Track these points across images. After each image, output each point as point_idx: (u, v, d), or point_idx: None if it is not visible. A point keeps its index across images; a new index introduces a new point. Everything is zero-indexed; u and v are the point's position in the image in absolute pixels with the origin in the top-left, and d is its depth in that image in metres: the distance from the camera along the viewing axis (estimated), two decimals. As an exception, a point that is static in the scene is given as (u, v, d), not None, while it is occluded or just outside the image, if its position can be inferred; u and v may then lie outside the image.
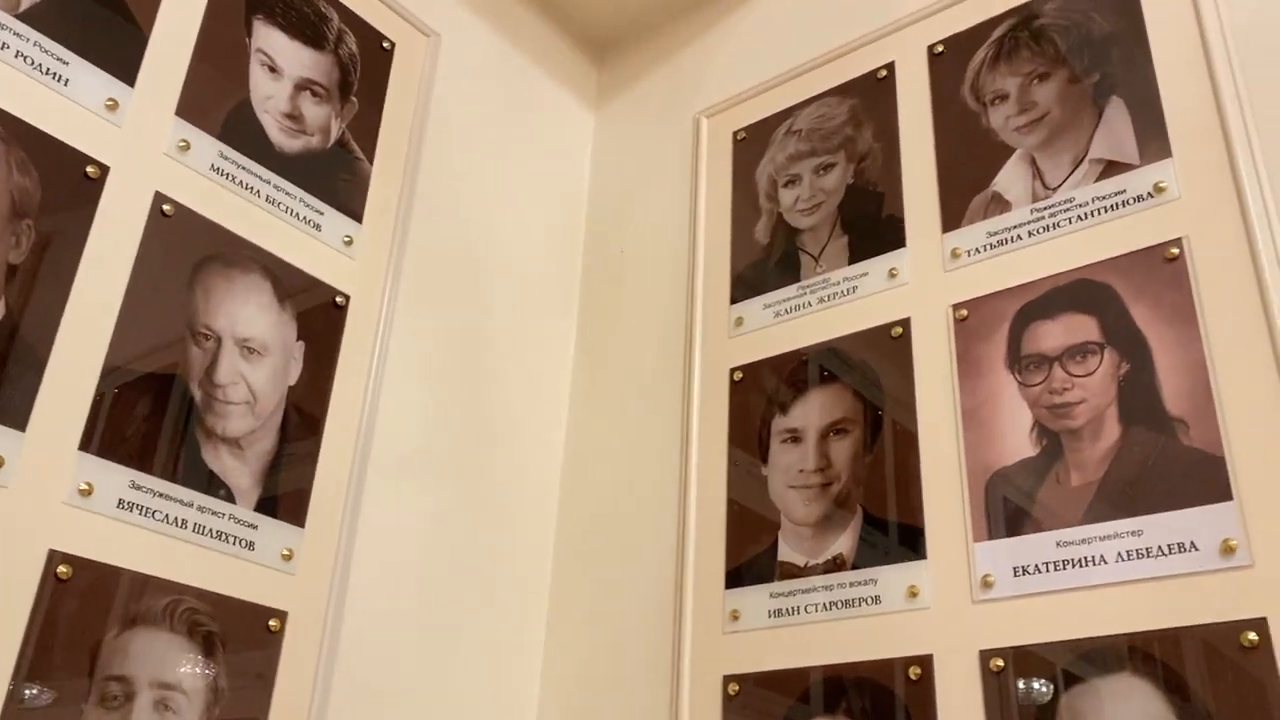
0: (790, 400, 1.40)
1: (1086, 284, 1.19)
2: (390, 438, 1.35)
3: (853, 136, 1.50)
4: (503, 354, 1.56)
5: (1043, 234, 1.25)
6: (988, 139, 1.35)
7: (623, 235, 1.72)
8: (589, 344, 1.67)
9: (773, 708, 1.22)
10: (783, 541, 1.31)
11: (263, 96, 1.33)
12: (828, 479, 1.31)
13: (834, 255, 1.45)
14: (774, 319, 1.47)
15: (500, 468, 1.50)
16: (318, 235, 1.34)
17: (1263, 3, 1.19)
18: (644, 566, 1.43)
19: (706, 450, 1.44)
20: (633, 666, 1.37)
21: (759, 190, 1.57)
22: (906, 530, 1.21)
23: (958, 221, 1.33)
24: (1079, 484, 1.11)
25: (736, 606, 1.31)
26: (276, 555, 1.17)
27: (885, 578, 1.21)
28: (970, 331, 1.26)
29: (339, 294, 1.34)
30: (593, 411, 1.61)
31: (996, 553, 1.13)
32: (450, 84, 1.59)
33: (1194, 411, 1.06)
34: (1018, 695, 1.06)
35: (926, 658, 1.13)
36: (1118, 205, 1.20)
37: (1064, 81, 1.31)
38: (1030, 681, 1.06)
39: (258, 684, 1.12)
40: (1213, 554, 1.00)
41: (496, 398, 1.53)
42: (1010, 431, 1.18)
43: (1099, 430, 1.12)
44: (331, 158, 1.39)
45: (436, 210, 1.51)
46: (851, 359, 1.36)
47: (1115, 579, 1.05)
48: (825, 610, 1.23)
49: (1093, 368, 1.15)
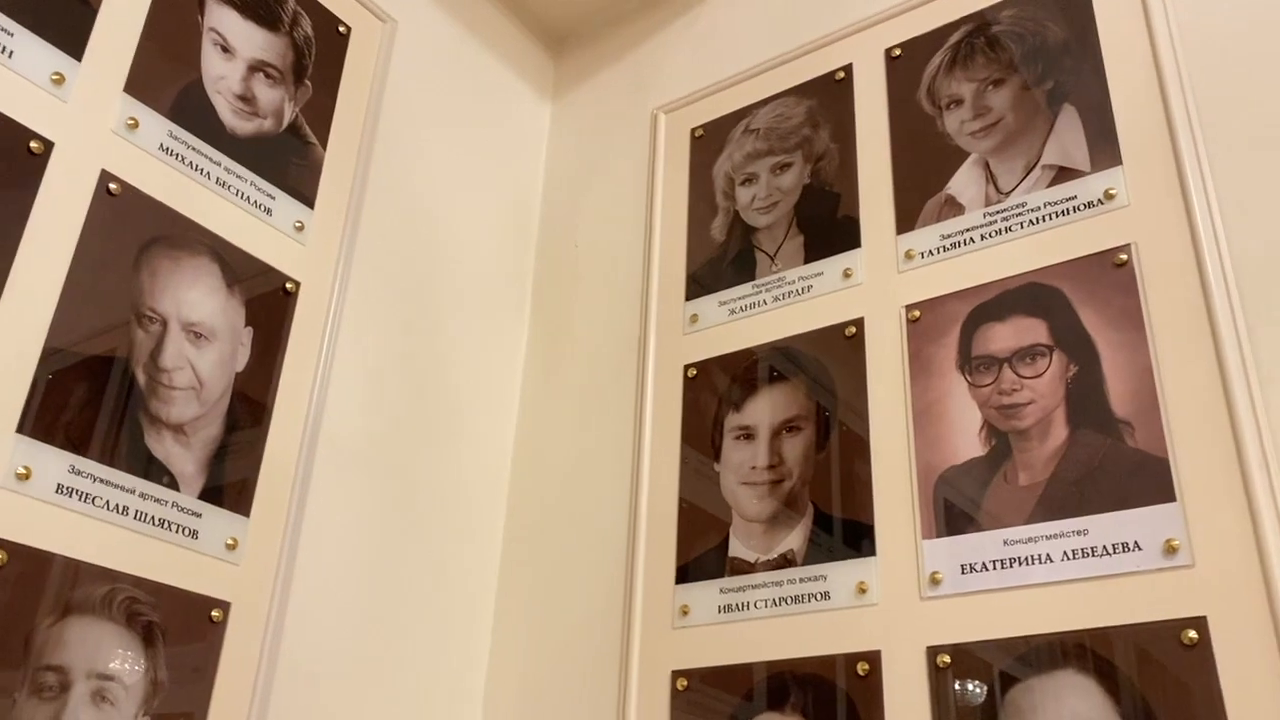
0: (743, 398, 1.40)
1: (1037, 287, 1.21)
2: (339, 427, 1.33)
3: (810, 137, 1.50)
4: (454, 345, 1.54)
5: (995, 237, 1.27)
6: (942, 143, 1.37)
7: (578, 229, 1.72)
8: (542, 337, 1.67)
9: (721, 703, 1.23)
10: (733, 538, 1.32)
11: (215, 77, 1.30)
12: (779, 476, 1.32)
13: (790, 254, 1.45)
14: (729, 316, 1.47)
15: (450, 460, 1.48)
16: (268, 220, 1.31)
17: (1212, 15, 1.22)
18: (594, 561, 1.42)
19: (659, 446, 1.44)
20: (581, 661, 1.37)
21: (716, 188, 1.58)
22: (856, 527, 1.22)
23: (912, 223, 1.35)
24: (1026, 484, 1.12)
25: (686, 602, 1.31)
26: (220, 544, 1.15)
27: (835, 574, 1.21)
28: (922, 332, 1.28)
29: (289, 280, 1.31)
30: (545, 405, 1.60)
31: (945, 550, 1.14)
32: (406, 71, 1.58)
33: (1139, 414, 1.09)
34: (963, 691, 1.07)
35: (874, 654, 1.14)
36: (1068, 211, 1.23)
37: (1018, 88, 1.33)
38: (976, 678, 1.07)
39: (198, 676, 1.10)
40: (1155, 554, 1.02)
41: (447, 389, 1.51)
42: (960, 431, 1.19)
43: (1047, 431, 1.14)
44: (284, 142, 1.37)
45: (389, 198, 1.49)
46: (805, 357, 1.37)
47: (1060, 577, 1.06)
48: (775, 606, 1.24)
49: (1041, 370, 1.17)
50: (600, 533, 1.44)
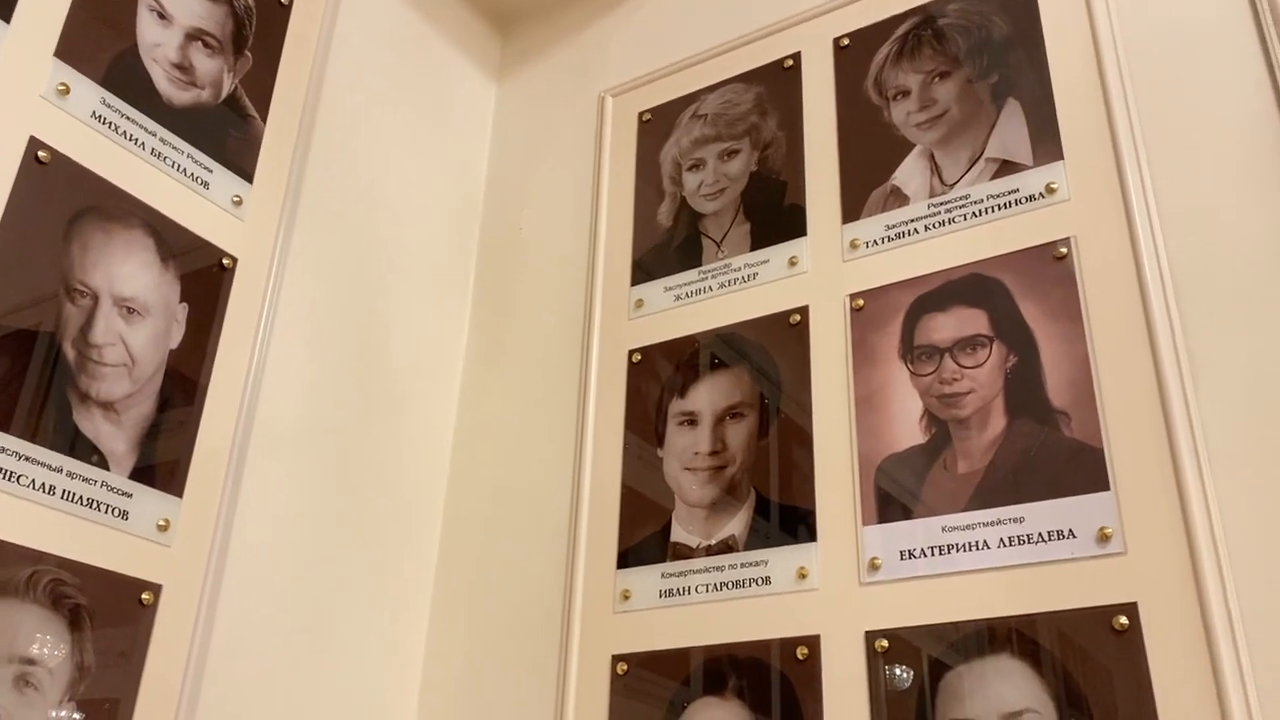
0: (688, 383, 1.40)
1: (979, 279, 1.23)
2: (276, 407, 1.30)
3: (758, 124, 1.51)
4: (395, 326, 1.52)
5: (938, 229, 1.28)
6: (888, 133, 1.38)
7: (523, 212, 1.70)
8: (485, 319, 1.65)
9: (660, 688, 1.23)
10: (676, 523, 1.32)
11: (151, 44, 1.26)
12: (723, 462, 1.32)
13: (736, 241, 1.46)
14: (674, 302, 1.47)
15: (390, 442, 1.46)
16: (205, 193, 1.28)
17: (1153, 13, 1.24)
18: (535, 545, 1.41)
19: (602, 431, 1.43)
20: (521, 645, 1.36)
21: (663, 173, 1.57)
22: (798, 513, 1.23)
23: (857, 213, 1.36)
24: (965, 471, 1.14)
25: (627, 587, 1.31)
26: (151, 525, 1.12)
27: (776, 559, 1.22)
28: (866, 321, 1.29)
29: (226, 255, 1.28)
30: (487, 388, 1.59)
31: (884, 536, 1.16)
32: (349, 45, 1.54)
33: (1076, 404, 1.11)
34: (900, 675, 1.08)
35: (814, 638, 1.15)
36: (1011, 204, 1.24)
37: (964, 81, 1.35)
38: (913, 662, 1.08)
39: (127, 660, 1.07)
40: (1089, 541, 1.04)
41: (387, 370, 1.49)
42: (901, 420, 1.21)
43: (986, 420, 1.15)
44: (222, 113, 1.33)
45: (331, 174, 1.46)
46: (749, 345, 1.37)
47: (997, 564, 1.08)
48: (716, 591, 1.24)
49: (982, 359, 1.18)
50: (542, 517, 1.43)
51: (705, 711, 1.19)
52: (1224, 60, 1.17)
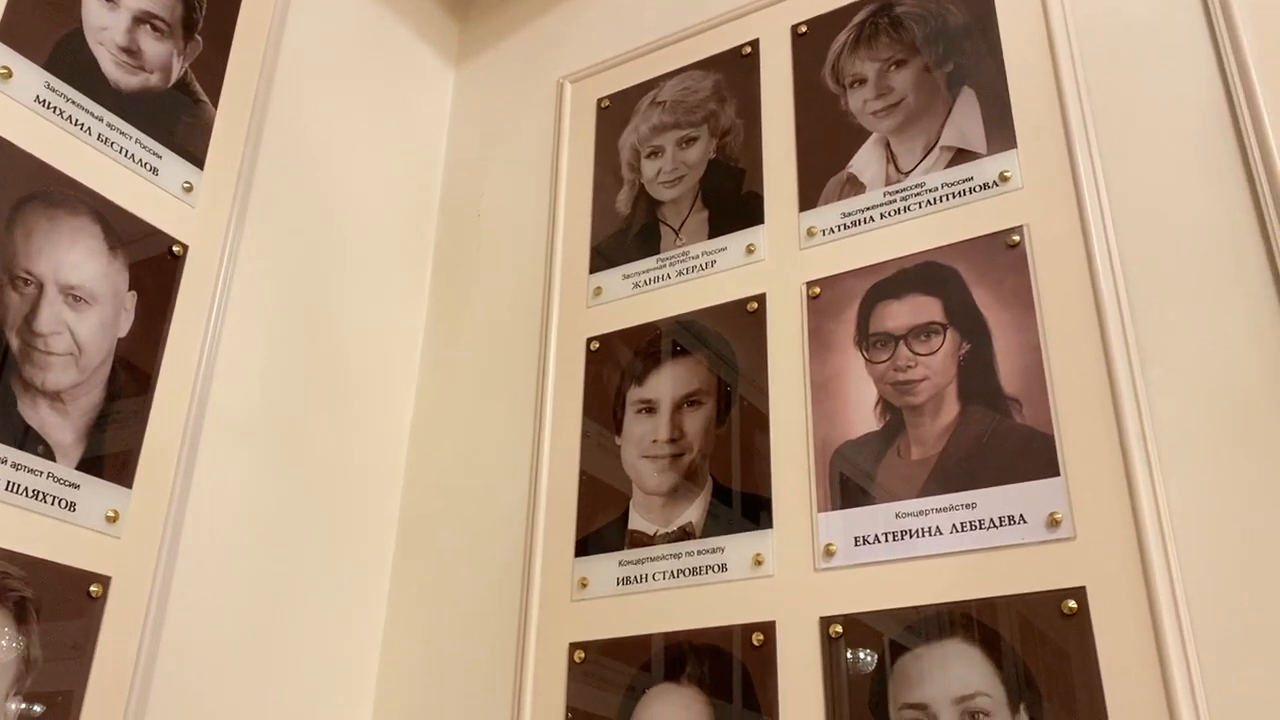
0: (646, 371, 1.40)
1: (933, 266, 1.24)
2: (228, 396, 1.28)
3: (716, 111, 1.50)
4: (351, 315, 1.51)
5: (894, 217, 1.29)
6: (845, 121, 1.38)
7: (481, 198, 1.69)
8: (442, 308, 1.64)
9: (618, 675, 1.23)
10: (633, 511, 1.32)
11: (97, 27, 1.24)
12: (680, 450, 1.32)
13: (694, 229, 1.45)
14: (633, 290, 1.47)
15: (345, 431, 1.45)
16: (154, 179, 1.26)
17: (1106, 3, 1.25)
18: (493, 534, 1.41)
19: (560, 419, 1.43)
20: (479, 634, 1.35)
21: (622, 160, 1.57)
22: (754, 500, 1.24)
23: (814, 201, 1.36)
24: (918, 458, 1.15)
25: (585, 575, 1.31)
26: (100, 517, 1.10)
27: (732, 546, 1.22)
28: (822, 309, 1.29)
29: (176, 243, 1.26)
30: (444, 377, 1.58)
31: (839, 523, 1.16)
32: (303, 28, 1.52)
33: (1027, 391, 1.12)
34: (854, 660, 1.09)
35: (769, 624, 1.16)
36: (965, 192, 1.25)
37: (920, 69, 1.35)
38: (866, 647, 1.09)
39: (77, 653, 1.06)
40: (1039, 526, 1.06)
41: (343, 359, 1.48)
42: (856, 406, 1.21)
43: (939, 407, 1.16)
44: (172, 98, 1.31)
45: (284, 160, 1.45)
46: (707, 332, 1.38)
47: (949, 549, 1.09)
48: (673, 578, 1.25)
49: (935, 347, 1.19)
50: (500, 506, 1.42)
51: (662, 698, 1.19)
52: (1174, 51, 1.19)
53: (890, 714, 1.05)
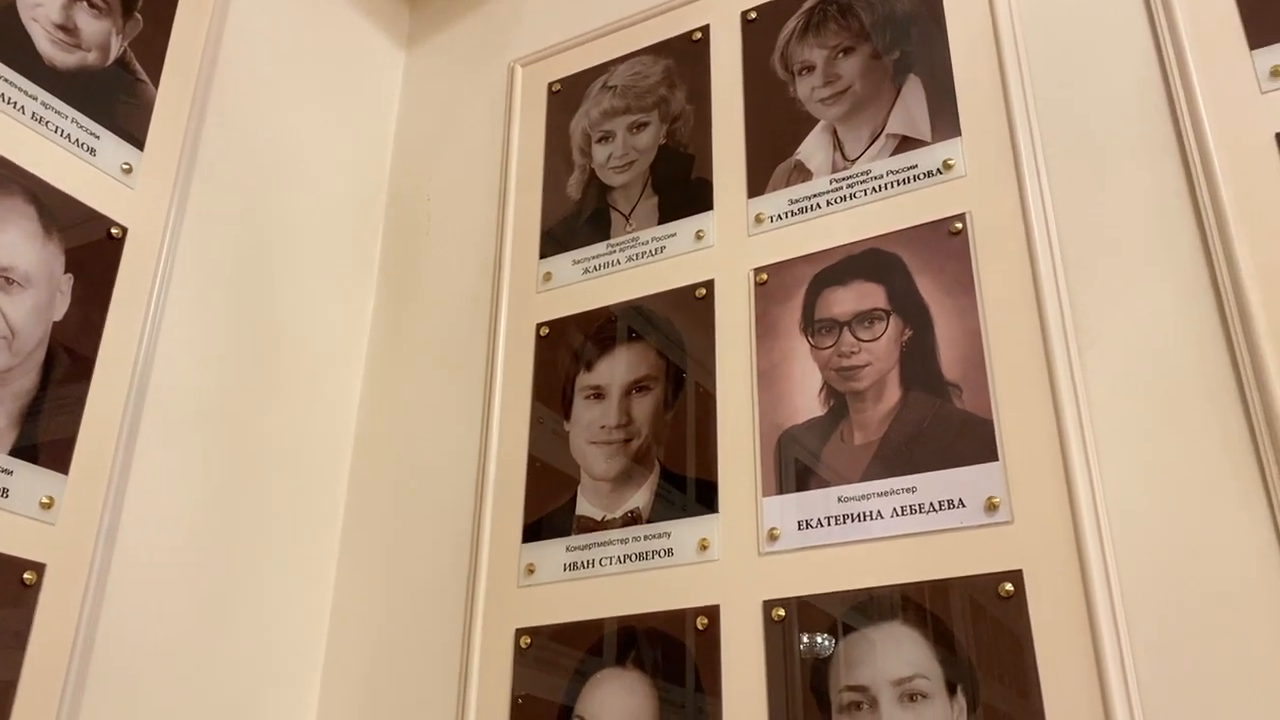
0: (595, 357, 1.40)
1: (877, 254, 1.24)
2: (169, 382, 1.26)
3: (667, 97, 1.50)
4: (297, 299, 1.49)
5: (840, 204, 1.30)
6: (793, 108, 1.38)
7: (430, 181, 1.68)
8: (391, 291, 1.62)
9: (564, 660, 1.23)
10: (581, 496, 1.32)
11: (31, 3, 1.21)
12: (629, 435, 1.32)
13: (644, 215, 1.45)
14: (583, 275, 1.46)
15: (291, 417, 1.44)
16: (92, 160, 1.24)
17: (1047, -6, 1.26)
18: (440, 521, 1.40)
19: (509, 405, 1.42)
20: (425, 620, 1.35)
21: (573, 144, 1.56)
22: (701, 485, 1.24)
23: (762, 188, 1.36)
24: (861, 443, 1.16)
25: (532, 560, 1.31)
26: (34, 503, 1.08)
27: (678, 531, 1.23)
28: (769, 295, 1.30)
29: (114, 225, 1.24)
30: (393, 362, 1.57)
31: (783, 507, 1.17)
32: (249, 8, 1.50)
33: (968, 377, 1.13)
34: (796, 643, 1.10)
35: (714, 608, 1.16)
36: (909, 180, 1.26)
37: (867, 57, 1.36)
38: (808, 630, 1.10)
39: (9, 643, 1.04)
40: (978, 510, 1.07)
41: (288, 344, 1.46)
42: (801, 392, 1.22)
43: (881, 393, 1.17)
44: (110, 78, 1.28)
45: (228, 142, 1.43)
46: (656, 318, 1.38)
47: (890, 533, 1.10)
48: (620, 563, 1.25)
49: (879, 333, 1.20)
50: (447, 492, 1.42)
51: (607, 683, 1.20)
52: (1115, 41, 1.20)
53: (831, 696, 1.06)
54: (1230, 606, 0.94)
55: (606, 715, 1.18)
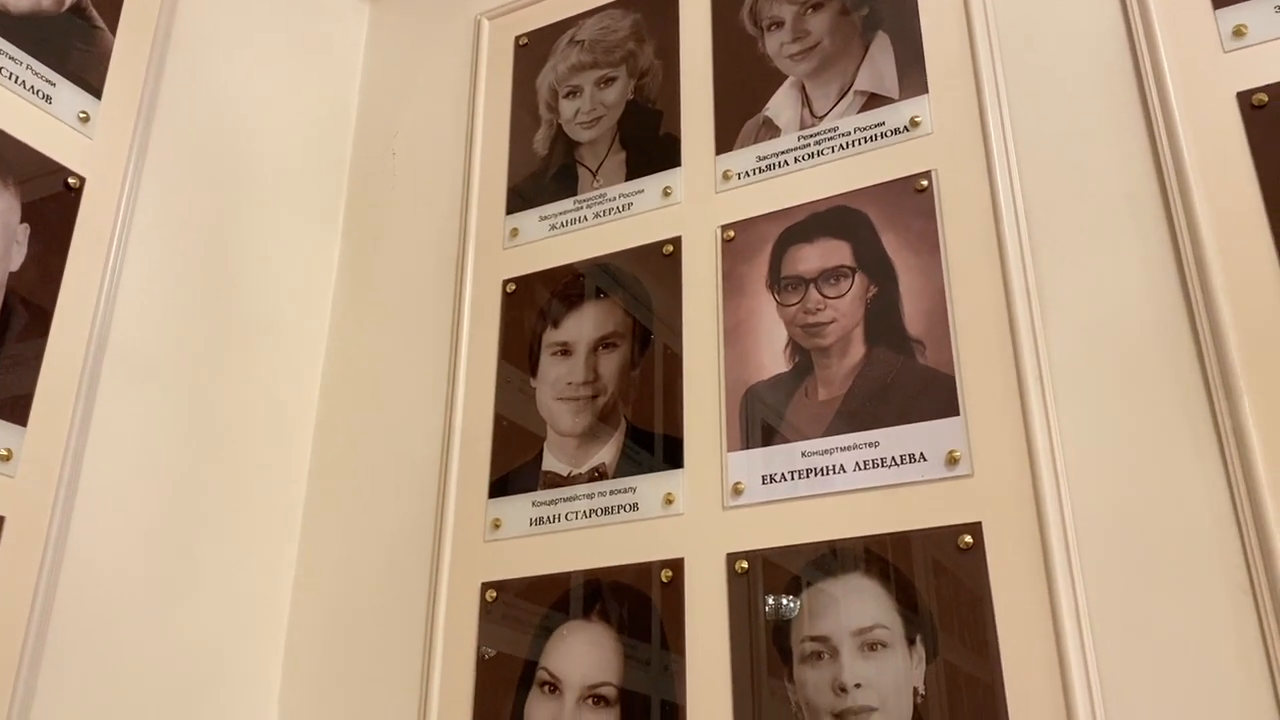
0: (562, 314, 1.40)
1: (844, 210, 1.25)
2: (130, 333, 1.25)
3: (635, 51, 1.49)
4: (260, 252, 1.47)
5: (807, 161, 1.30)
6: (762, 64, 1.38)
7: (395, 137, 1.66)
8: (355, 248, 1.61)
9: (529, 613, 1.24)
10: (548, 452, 1.32)
11: (-18, -55, 1.18)
12: (595, 392, 1.33)
13: (611, 171, 1.45)
14: (549, 232, 1.46)
15: (255, 371, 1.42)
16: (47, 108, 1.21)
17: (1015, -49, 1.26)
18: (406, 476, 1.40)
19: (476, 361, 1.42)
20: (390, 575, 1.35)
21: (540, 99, 1.55)
22: (667, 441, 1.25)
23: (730, 144, 1.36)
24: (825, 398, 1.17)
25: (498, 515, 1.31)
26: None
27: (644, 486, 1.24)
28: (736, 252, 1.30)
29: (72, 174, 1.22)
30: (358, 317, 1.55)
31: (747, 462, 1.18)
32: (209, -44, 1.47)
33: (931, 333, 1.14)
34: (759, 594, 1.11)
35: (678, 561, 1.17)
36: (876, 137, 1.26)
37: (836, 13, 1.35)
38: (771, 582, 1.12)
39: (-32, 594, 1.03)
40: (939, 464, 1.08)
41: (251, 298, 1.44)
42: (767, 348, 1.23)
43: (846, 349, 1.18)
44: (65, 24, 1.25)
45: (188, 92, 1.40)
46: (623, 275, 1.37)
47: (852, 486, 1.12)
48: (585, 518, 1.26)
49: (844, 290, 1.21)
50: (413, 448, 1.41)
51: (572, 635, 1.21)
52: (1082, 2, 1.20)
53: (793, 646, 1.08)
54: (1184, 559, 0.97)
55: (571, 666, 1.19)
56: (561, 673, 1.19)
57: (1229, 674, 0.91)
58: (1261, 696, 0.90)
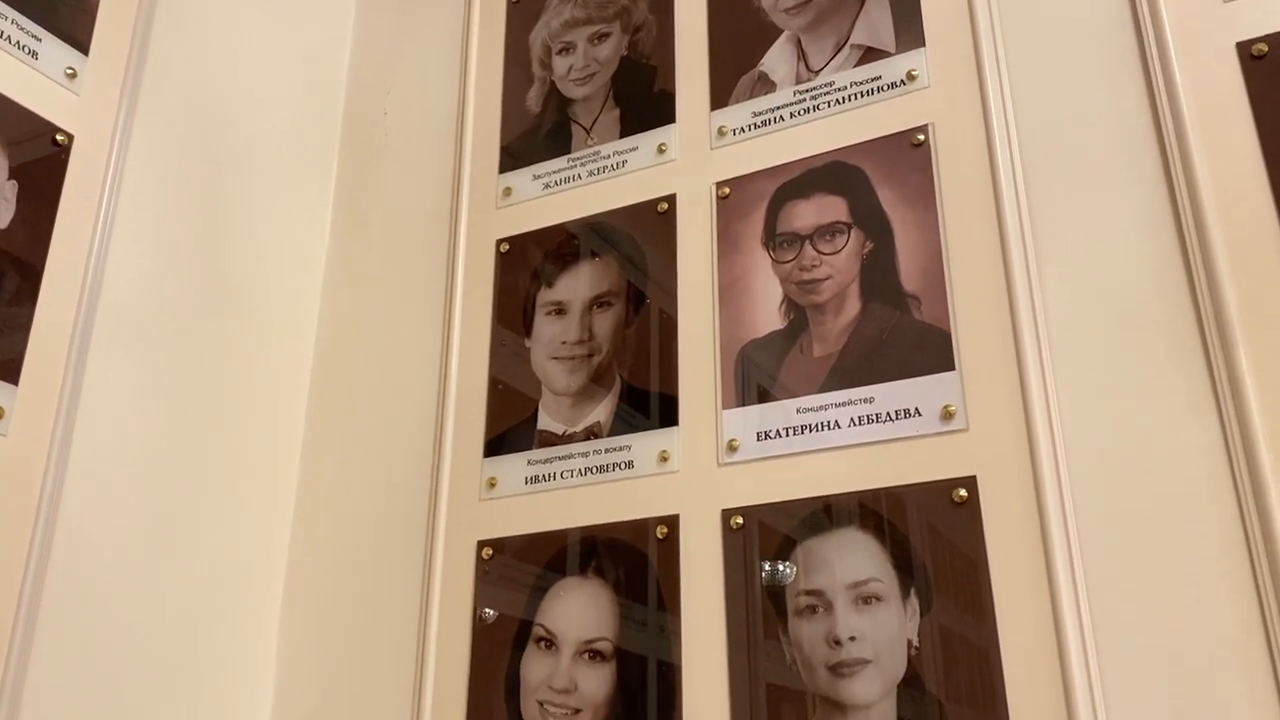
0: (556, 273, 1.39)
1: (839, 166, 1.24)
2: (122, 291, 1.24)
3: (629, 6, 1.47)
4: (252, 211, 1.46)
5: (803, 116, 1.29)
6: (758, 18, 1.36)
7: (388, 95, 1.64)
8: (348, 208, 1.60)
9: (525, 571, 1.24)
10: (542, 411, 1.32)
11: (-37, -104, 1.16)
12: (590, 351, 1.32)
13: (605, 128, 1.43)
14: (543, 191, 1.45)
15: (249, 332, 1.42)
16: (34, 64, 1.19)
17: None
18: (401, 436, 1.40)
19: (470, 321, 1.41)
20: (387, 534, 1.35)
21: (532, 56, 1.53)
22: (662, 399, 1.24)
23: (725, 100, 1.35)
24: (820, 355, 1.16)
25: (494, 474, 1.31)
26: (-17, 414, 1.07)
27: (639, 444, 1.23)
28: (731, 209, 1.29)
29: (59, 131, 1.20)
30: (351, 276, 1.54)
31: (742, 420, 1.18)
32: (196, -90, 1.44)
33: (927, 289, 1.14)
34: (753, 550, 1.12)
35: (673, 518, 1.17)
36: (873, 91, 1.25)
37: (832, -34, 1.34)
38: (765, 537, 1.12)
39: (-37, 552, 1.03)
40: (934, 419, 1.08)
41: (244, 256, 1.43)
42: (762, 306, 1.22)
43: (841, 305, 1.18)
44: (51, -23, 1.24)
45: (178, 48, 1.38)
46: (618, 233, 1.37)
47: (847, 442, 1.11)
48: (580, 476, 1.26)
49: (840, 246, 1.20)
50: (409, 407, 1.41)
51: (568, 591, 1.21)
52: (1081, -50, 1.19)
53: (787, 600, 1.08)
54: (1178, 512, 0.97)
55: (568, 622, 1.19)
56: (558, 628, 1.19)
57: (1223, 624, 0.92)
58: (1255, 647, 0.90)
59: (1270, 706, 0.88)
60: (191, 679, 1.24)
